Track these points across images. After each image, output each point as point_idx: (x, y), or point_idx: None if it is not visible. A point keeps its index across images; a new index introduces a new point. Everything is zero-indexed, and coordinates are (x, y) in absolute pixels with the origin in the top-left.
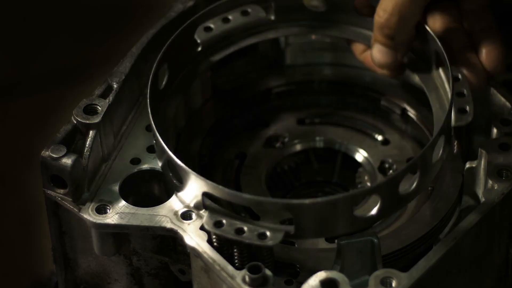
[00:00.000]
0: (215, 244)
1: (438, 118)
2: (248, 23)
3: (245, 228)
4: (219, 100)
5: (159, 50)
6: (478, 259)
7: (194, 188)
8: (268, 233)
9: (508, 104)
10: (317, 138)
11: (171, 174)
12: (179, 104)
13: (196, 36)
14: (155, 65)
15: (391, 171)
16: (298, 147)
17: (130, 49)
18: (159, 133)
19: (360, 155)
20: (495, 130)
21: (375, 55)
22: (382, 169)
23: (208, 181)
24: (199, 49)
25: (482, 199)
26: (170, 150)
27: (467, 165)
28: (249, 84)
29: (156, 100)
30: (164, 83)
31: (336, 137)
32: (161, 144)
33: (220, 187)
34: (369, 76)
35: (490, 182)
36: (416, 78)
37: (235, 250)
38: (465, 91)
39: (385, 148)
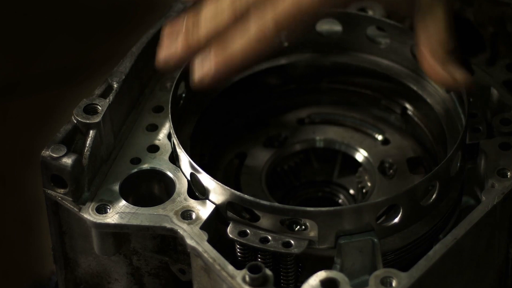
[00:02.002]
0: (238, 254)
1: (451, 136)
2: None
3: (270, 237)
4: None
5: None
6: (478, 259)
7: (219, 198)
8: (292, 242)
9: (508, 104)
10: (317, 138)
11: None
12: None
13: None
14: (174, 84)
15: (391, 171)
16: (298, 147)
17: (130, 49)
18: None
19: (360, 155)
20: (495, 130)
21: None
22: (382, 169)
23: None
24: None
25: (482, 199)
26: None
27: (467, 165)
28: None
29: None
30: (181, 102)
31: (336, 137)
32: (192, 164)
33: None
34: (369, 75)
35: (490, 182)
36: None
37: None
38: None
39: (385, 148)
